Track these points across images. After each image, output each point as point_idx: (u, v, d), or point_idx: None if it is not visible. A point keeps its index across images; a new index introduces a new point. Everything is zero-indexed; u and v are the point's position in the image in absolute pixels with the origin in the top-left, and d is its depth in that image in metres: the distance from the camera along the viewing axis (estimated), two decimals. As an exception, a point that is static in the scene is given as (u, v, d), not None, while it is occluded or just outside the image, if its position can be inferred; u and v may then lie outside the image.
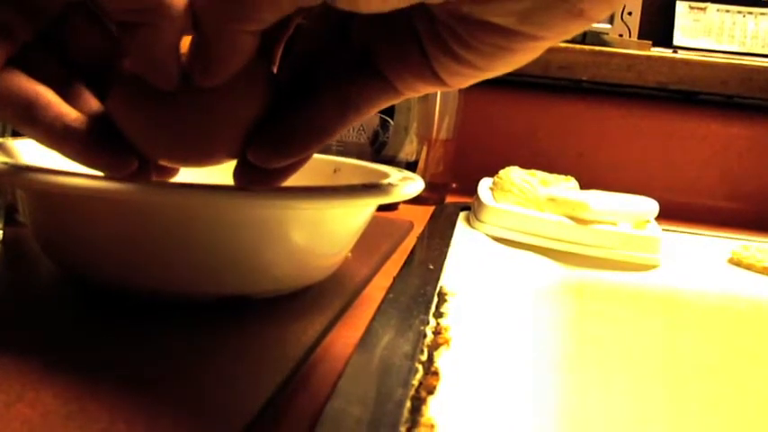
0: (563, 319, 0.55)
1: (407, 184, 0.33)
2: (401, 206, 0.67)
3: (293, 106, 0.28)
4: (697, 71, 0.81)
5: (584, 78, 0.83)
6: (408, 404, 0.24)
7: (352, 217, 0.33)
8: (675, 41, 0.94)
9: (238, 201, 0.28)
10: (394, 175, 0.35)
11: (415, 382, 0.26)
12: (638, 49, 0.82)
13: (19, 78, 0.27)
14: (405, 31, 0.26)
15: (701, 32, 0.92)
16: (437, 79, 0.27)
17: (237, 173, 0.30)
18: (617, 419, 0.56)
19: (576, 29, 0.24)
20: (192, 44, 0.26)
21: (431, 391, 0.26)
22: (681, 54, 0.85)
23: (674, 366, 0.56)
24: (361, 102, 0.28)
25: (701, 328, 0.56)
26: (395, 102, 0.29)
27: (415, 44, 0.26)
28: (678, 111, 0.85)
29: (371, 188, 0.31)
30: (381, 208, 0.64)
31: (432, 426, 0.23)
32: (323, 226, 0.32)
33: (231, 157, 0.30)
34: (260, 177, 0.29)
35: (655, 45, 0.87)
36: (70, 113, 0.27)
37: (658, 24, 0.95)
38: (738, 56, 0.89)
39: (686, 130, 0.86)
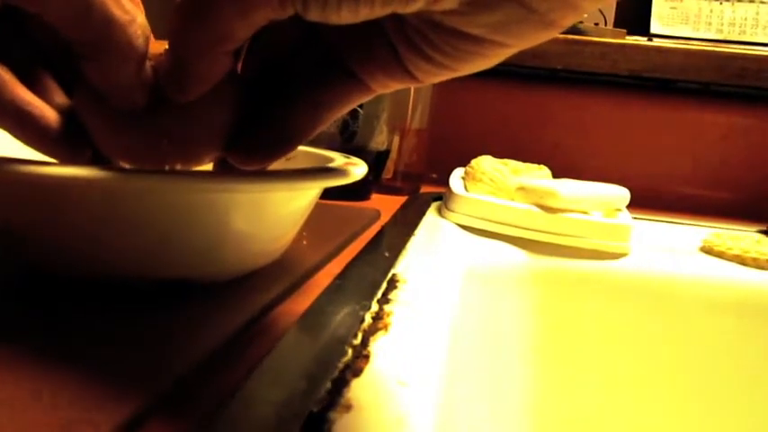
0: (529, 308, 0.55)
1: (348, 169, 0.33)
2: (374, 196, 0.67)
3: (268, 110, 0.29)
4: (671, 59, 0.80)
5: (558, 67, 0.83)
6: (329, 385, 0.24)
7: (292, 201, 0.33)
8: (652, 29, 0.93)
9: (177, 184, 0.28)
10: (338, 159, 0.35)
11: (341, 365, 0.26)
12: (613, 38, 0.81)
13: None
14: (375, 32, 0.26)
15: (678, 20, 0.91)
16: (410, 76, 0.27)
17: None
18: (585, 408, 0.56)
19: (548, 36, 0.24)
20: (167, 63, 0.26)
21: (356, 374, 0.26)
22: (655, 42, 0.85)
23: (643, 354, 0.56)
24: (333, 102, 0.28)
25: (671, 315, 0.56)
26: (367, 98, 0.29)
27: (386, 44, 0.26)
28: (653, 99, 0.85)
29: (310, 172, 0.31)
30: (352, 197, 0.64)
31: (349, 407, 0.23)
32: (262, 210, 0.32)
33: (202, 162, 0.30)
34: None
35: (631, 33, 0.87)
36: (25, 96, 0.27)
37: (635, 13, 0.95)
38: (716, 43, 0.89)
39: (661, 118, 0.86)
